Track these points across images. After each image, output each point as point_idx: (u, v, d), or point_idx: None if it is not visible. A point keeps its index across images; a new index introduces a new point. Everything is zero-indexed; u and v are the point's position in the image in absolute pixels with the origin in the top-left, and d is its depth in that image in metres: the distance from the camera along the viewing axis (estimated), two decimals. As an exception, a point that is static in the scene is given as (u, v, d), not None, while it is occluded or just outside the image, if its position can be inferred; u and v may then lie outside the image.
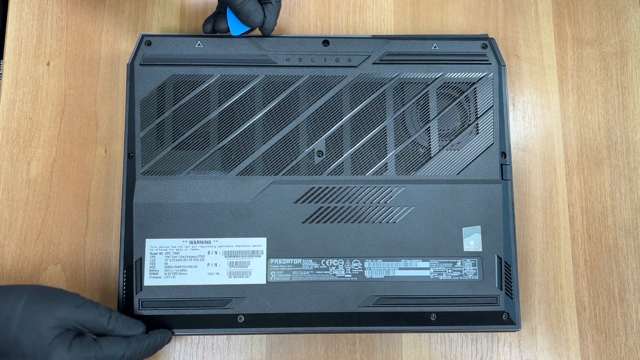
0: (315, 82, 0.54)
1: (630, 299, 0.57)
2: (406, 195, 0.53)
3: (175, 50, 0.54)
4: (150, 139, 0.52)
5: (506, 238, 0.53)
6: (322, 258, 0.51)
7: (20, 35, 0.57)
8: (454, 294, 0.51)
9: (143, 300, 0.50)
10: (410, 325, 0.51)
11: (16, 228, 0.54)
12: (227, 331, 0.50)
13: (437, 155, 0.54)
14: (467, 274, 0.52)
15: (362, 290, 0.51)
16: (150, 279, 0.50)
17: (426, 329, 0.51)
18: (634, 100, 0.61)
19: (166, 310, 0.50)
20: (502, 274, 0.52)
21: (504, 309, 0.51)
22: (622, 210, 0.58)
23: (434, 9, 0.62)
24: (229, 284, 0.50)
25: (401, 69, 0.55)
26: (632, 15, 0.62)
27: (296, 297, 0.50)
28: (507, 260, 0.52)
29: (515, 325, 0.51)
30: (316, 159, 0.53)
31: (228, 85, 0.53)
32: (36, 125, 0.56)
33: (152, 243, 0.51)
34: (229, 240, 0.51)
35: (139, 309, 0.49)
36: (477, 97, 0.55)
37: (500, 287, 0.52)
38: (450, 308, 0.51)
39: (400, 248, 0.52)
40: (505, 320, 0.51)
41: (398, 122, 0.54)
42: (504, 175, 0.54)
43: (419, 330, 0.52)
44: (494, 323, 0.51)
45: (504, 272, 0.52)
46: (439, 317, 0.51)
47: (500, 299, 0.52)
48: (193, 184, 0.52)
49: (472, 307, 0.51)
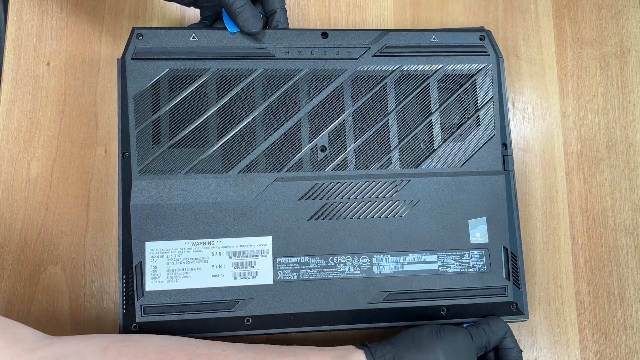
0: (315, 76, 0.53)
1: (630, 299, 0.57)
2: (411, 189, 0.52)
3: (169, 43, 0.52)
4: (145, 137, 0.50)
5: (511, 229, 0.52)
6: (330, 255, 0.50)
7: (20, 35, 0.57)
8: (462, 287, 0.51)
9: (145, 306, 0.48)
10: (420, 320, 0.50)
11: (16, 228, 0.54)
12: (234, 334, 0.48)
13: (440, 147, 0.53)
14: (475, 266, 0.52)
15: (371, 286, 0.50)
16: (152, 284, 0.48)
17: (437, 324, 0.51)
18: (634, 100, 0.61)
19: (170, 315, 0.48)
20: (509, 264, 0.52)
21: (512, 299, 0.51)
22: (622, 210, 0.58)
23: (433, 9, 0.62)
24: (234, 285, 0.49)
25: (401, 61, 0.54)
26: (632, 15, 0.62)
27: (305, 296, 0.49)
28: (513, 250, 0.52)
29: (524, 315, 0.51)
30: (319, 154, 0.52)
31: (226, 79, 0.52)
32: (36, 125, 0.56)
33: (152, 246, 0.49)
34: (233, 241, 0.50)
35: (142, 316, 0.48)
36: (477, 89, 0.55)
37: (508, 277, 0.52)
38: (460, 301, 0.51)
39: (408, 242, 0.51)
40: (514, 310, 0.51)
41: (400, 115, 0.54)
42: (506, 166, 0.53)
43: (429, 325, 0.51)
44: (503, 314, 0.51)
45: (510, 263, 0.52)
46: (448, 310, 0.51)
47: (508, 290, 0.51)
48: (193, 183, 0.50)
49: (481, 298, 0.51)
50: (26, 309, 0.52)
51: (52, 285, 0.53)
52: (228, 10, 0.51)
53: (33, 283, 0.53)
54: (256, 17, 0.51)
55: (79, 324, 0.53)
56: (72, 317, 0.53)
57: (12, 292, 0.52)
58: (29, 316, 0.52)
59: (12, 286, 0.53)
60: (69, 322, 0.52)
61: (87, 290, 0.53)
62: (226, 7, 0.51)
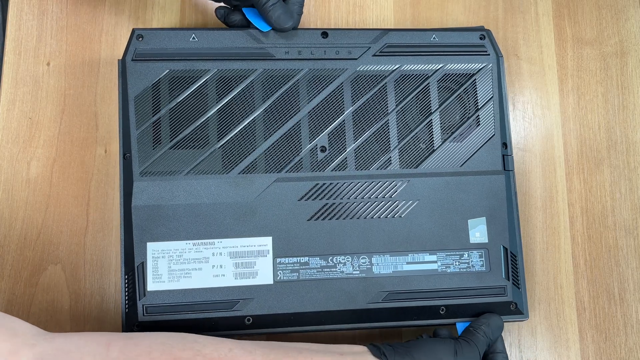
0: (315, 76, 0.53)
1: (630, 299, 0.57)
2: (411, 189, 0.52)
3: (169, 44, 0.52)
4: (146, 138, 0.51)
5: (511, 229, 0.52)
6: (329, 255, 0.51)
7: (20, 35, 0.57)
8: (462, 286, 0.51)
9: (147, 306, 0.48)
10: (420, 319, 0.50)
11: (16, 228, 0.54)
12: (235, 334, 0.49)
13: (440, 147, 0.53)
14: (474, 266, 0.52)
15: (370, 286, 0.50)
16: (154, 284, 0.49)
17: (436, 323, 0.51)
18: (634, 100, 0.61)
19: (172, 315, 0.48)
20: (509, 264, 0.52)
21: (512, 299, 0.51)
22: (622, 210, 0.58)
23: (433, 9, 0.62)
24: (235, 285, 0.49)
25: (401, 61, 0.54)
26: (632, 15, 0.62)
27: (304, 296, 0.49)
28: (513, 250, 0.52)
29: (524, 315, 0.51)
30: (319, 155, 0.52)
31: (226, 80, 0.52)
32: (36, 125, 0.56)
33: (153, 246, 0.49)
34: (233, 241, 0.50)
35: (144, 315, 0.48)
36: (477, 89, 0.55)
37: (507, 277, 0.52)
38: (459, 300, 0.51)
39: (407, 242, 0.51)
40: (514, 310, 0.51)
41: (400, 115, 0.54)
42: (506, 165, 0.54)
43: (428, 324, 0.51)
44: (503, 314, 0.51)
45: (510, 263, 0.52)
46: (448, 310, 0.51)
47: (508, 289, 0.51)
48: (193, 184, 0.50)
49: (481, 298, 0.51)
50: (26, 309, 0.52)
51: (52, 285, 0.53)
52: (260, 8, 0.50)
53: (33, 283, 0.53)
54: (287, 13, 0.51)
55: (79, 324, 0.53)
56: (72, 317, 0.53)
57: (12, 292, 0.53)
58: (29, 316, 0.52)
59: (12, 286, 0.53)
60: (69, 322, 0.52)
61: (87, 290, 0.53)
62: (258, 5, 0.50)
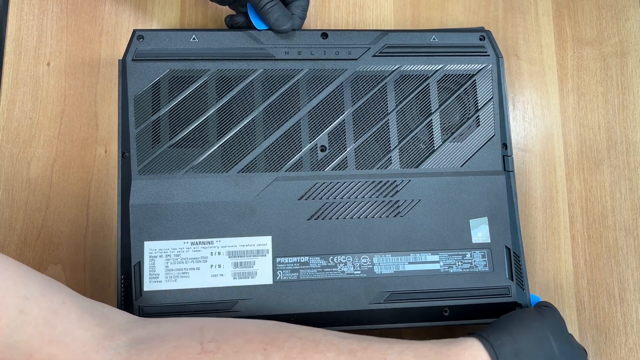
0: (315, 76, 0.53)
1: (630, 299, 0.57)
2: (411, 189, 0.52)
3: (170, 45, 0.52)
4: (145, 137, 0.50)
5: (513, 229, 0.52)
6: (330, 255, 0.50)
7: (20, 35, 0.57)
8: (465, 287, 0.51)
9: (143, 307, 0.48)
10: (423, 321, 0.50)
11: (16, 228, 0.54)
12: None
13: (440, 147, 0.53)
14: (477, 266, 0.51)
15: (372, 286, 0.50)
16: (151, 284, 0.48)
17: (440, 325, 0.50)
18: (634, 100, 0.61)
19: (169, 315, 0.47)
20: (512, 264, 0.52)
21: (516, 299, 0.51)
22: (622, 210, 0.58)
23: (434, 9, 0.62)
24: (234, 285, 0.49)
25: (401, 61, 0.54)
26: (632, 15, 0.62)
27: (305, 297, 0.49)
28: (515, 250, 0.52)
29: None
30: (319, 154, 0.52)
31: (225, 80, 0.52)
32: (36, 125, 0.56)
33: (151, 246, 0.49)
34: (232, 240, 0.49)
35: (140, 316, 0.47)
36: (477, 89, 0.55)
37: (511, 277, 0.51)
38: (463, 301, 0.50)
39: (409, 242, 0.51)
40: None
41: (400, 115, 0.54)
42: (506, 166, 0.53)
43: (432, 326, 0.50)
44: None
45: (513, 263, 0.52)
46: (451, 310, 0.50)
47: (512, 290, 0.51)
48: (192, 183, 0.50)
49: (485, 299, 0.51)
50: (26, 308, 0.52)
51: (52, 285, 0.53)
52: (258, 9, 0.51)
53: (33, 283, 0.53)
54: (286, 15, 0.51)
55: (78, 324, 0.53)
56: (72, 317, 0.53)
57: (12, 292, 0.52)
58: (29, 316, 0.52)
59: (12, 286, 0.53)
60: (69, 322, 0.52)
61: (87, 290, 0.53)
62: (256, 6, 0.51)
